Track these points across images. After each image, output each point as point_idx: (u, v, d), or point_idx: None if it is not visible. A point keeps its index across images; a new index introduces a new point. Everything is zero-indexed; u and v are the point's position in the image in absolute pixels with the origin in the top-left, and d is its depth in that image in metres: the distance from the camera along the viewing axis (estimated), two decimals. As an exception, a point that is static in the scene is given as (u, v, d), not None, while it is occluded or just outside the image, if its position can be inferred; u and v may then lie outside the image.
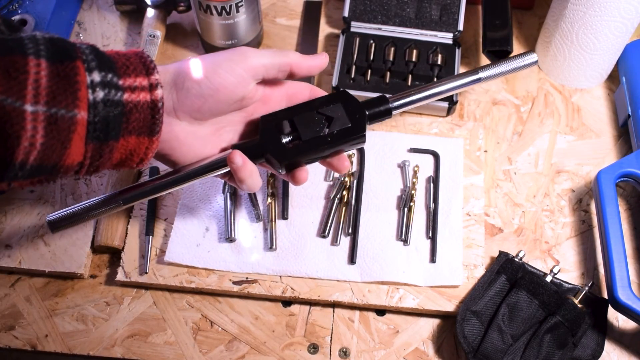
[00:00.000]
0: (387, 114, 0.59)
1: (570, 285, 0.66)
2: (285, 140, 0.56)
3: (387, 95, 0.60)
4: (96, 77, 0.45)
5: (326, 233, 0.69)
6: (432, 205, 0.70)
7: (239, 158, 0.54)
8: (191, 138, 0.55)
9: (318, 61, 0.58)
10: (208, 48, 0.83)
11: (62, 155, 0.45)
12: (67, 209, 0.55)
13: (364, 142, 0.58)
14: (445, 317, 0.66)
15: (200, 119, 0.54)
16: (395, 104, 0.59)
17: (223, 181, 0.71)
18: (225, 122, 0.57)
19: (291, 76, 0.57)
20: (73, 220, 0.54)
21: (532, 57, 0.61)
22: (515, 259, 0.67)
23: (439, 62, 0.79)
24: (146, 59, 0.49)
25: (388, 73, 0.80)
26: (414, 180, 0.72)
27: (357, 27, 0.83)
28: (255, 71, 0.54)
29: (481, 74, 0.61)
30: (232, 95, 0.54)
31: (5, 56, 0.41)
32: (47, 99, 0.42)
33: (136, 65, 0.48)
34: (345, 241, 0.69)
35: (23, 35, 0.44)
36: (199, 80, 0.52)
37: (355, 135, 0.56)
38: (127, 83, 0.47)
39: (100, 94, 0.45)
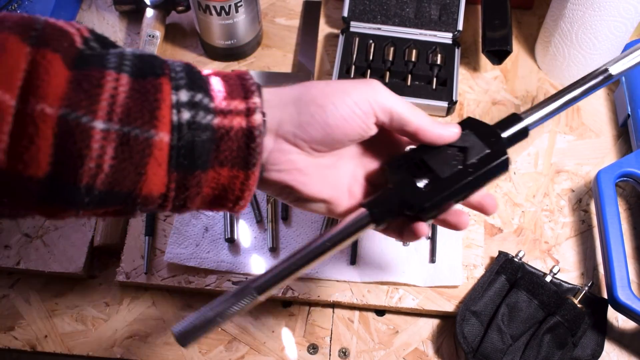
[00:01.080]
0: (524, 133, 0.51)
1: (570, 285, 0.66)
2: (421, 184, 0.48)
3: (517, 113, 0.52)
4: (183, 96, 0.40)
5: (326, 233, 0.69)
6: (431, 205, 0.70)
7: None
8: (312, 168, 0.47)
9: (448, 132, 0.49)
10: (207, 48, 0.83)
11: (138, 182, 0.39)
12: (193, 316, 0.45)
13: (508, 167, 0.50)
14: (445, 318, 0.66)
15: (321, 151, 0.47)
16: (530, 120, 0.51)
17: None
18: (343, 153, 0.50)
19: (405, 133, 0.48)
20: (205, 327, 0.45)
21: None
22: (515, 259, 0.67)
23: (439, 62, 0.79)
24: (247, 80, 0.43)
25: (387, 73, 0.80)
26: (414, 180, 0.72)
27: (357, 27, 0.83)
28: (383, 112, 0.46)
29: (612, 70, 0.53)
30: (357, 129, 0.46)
31: (82, 70, 0.37)
32: (122, 116, 0.38)
33: (234, 87, 0.43)
34: (344, 241, 0.69)
35: (111, 50, 0.40)
36: (325, 107, 0.45)
37: (497, 159, 0.49)
38: (220, 106, 0.41)
39: (185, 115, 0.40)
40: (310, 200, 0.49)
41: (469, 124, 0.51)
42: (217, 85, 0.42)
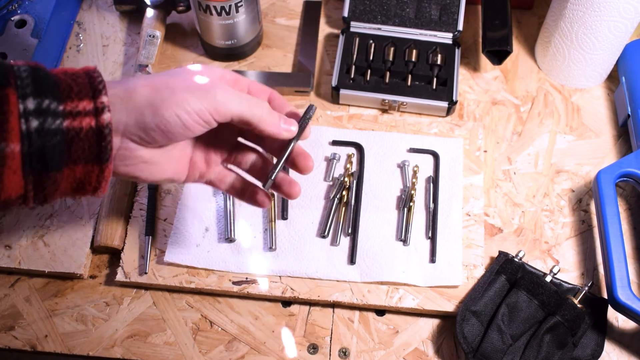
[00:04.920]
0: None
1: (570, 285, 0.66)
2: None
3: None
4: (30, 104, 0.41)
5: (326, 233, 0.69)
6: (431, 205, 0.70)
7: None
8: (158, 157, 0.51)
9: (285, 130, 0.53)
10: (208, 48, 0.83)
11: None
12: None
13: None
14: (445, 317, 0.66)
15: (164, 146, 0.51)
16: None
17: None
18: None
19: (249, 128, 0.52)
20: None
21: None
22: (515, 259, 0.67)
23: (439, 62, 0.79)
24: (95, 78, 0.45)
25: (388, 73, 0.80)
26: (414, 180, 0.72)
27: (357, 27, 0.83)
28: (224, 117, 0.49)
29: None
30: (197, 132, 0.50)
31: None
32: None
33: (82, 86, 0.44)
34: (345, 241, 0.69)
35: None
36: (168, 117, 0.47)
37: None
38: (69, 108, 0.43)
39: (34, 123, 0.41)
40: (155, 181, 0.53)
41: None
42: (66, 86, 0.44)
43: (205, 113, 0.48)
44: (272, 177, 0.55)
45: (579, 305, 0.63)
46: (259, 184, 0.59)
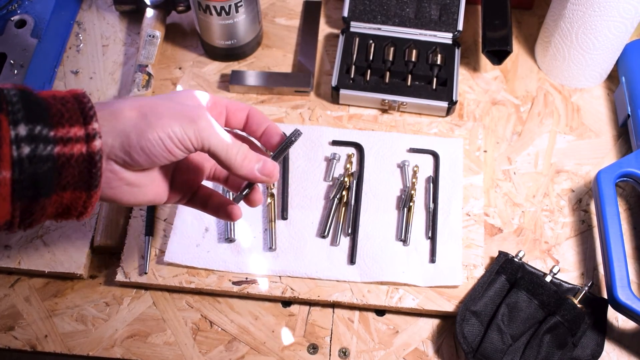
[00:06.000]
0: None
1: (569, 285, 0.66)
2: None
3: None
4: (22, 130, 0.41)
5: (326, 233, 0.69)
6: (431, 205, 0.70)
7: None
8: (141, 179, 0.51)
9: (253, 174, 0.53)
10: (207, 48, 0.83)
11: None
12: None
13: None
14: (445, 318, 0.66)
15: (147, 170, 0.51)
16: None
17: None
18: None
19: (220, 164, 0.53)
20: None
21: None
22: (515, 259, 0.67)
23: (439, 62, 0.79)
24: (85, 104, 0.45)
25: (387, 73, 0.80)
26: (414, 180, 0.72)
27: (357, 27, 0.83)
28: (201, 147, 0.50)
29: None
30: (178, 156, 0.50)
31: None
32: None
33: (72, 112, 0.44)
34: (344, 241, 0.69)
35: None
36: (152, 141, 0.47)
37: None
38: (60, 134, 0.43)
39: (25, 150, 0.41)
40: (137, 204, 0.53)
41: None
42: (56, 111, 0.43)
43: (186, 140, 0.49)
44: (244, 194, 0.57)
45: (579, 305, 0.63)
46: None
